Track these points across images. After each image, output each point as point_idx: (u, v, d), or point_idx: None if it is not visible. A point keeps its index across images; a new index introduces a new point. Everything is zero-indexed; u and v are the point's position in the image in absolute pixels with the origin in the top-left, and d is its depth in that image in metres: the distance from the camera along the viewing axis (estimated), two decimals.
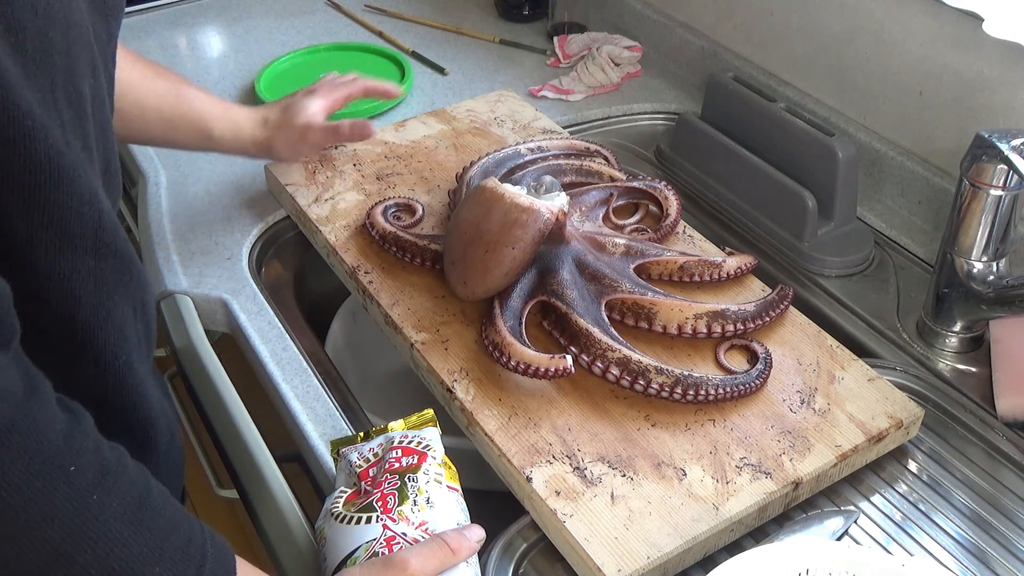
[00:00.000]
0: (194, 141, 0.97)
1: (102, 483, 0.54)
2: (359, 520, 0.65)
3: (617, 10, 1.44)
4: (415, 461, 0.68)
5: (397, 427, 0.72)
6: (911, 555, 0.75)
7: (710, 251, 0.97)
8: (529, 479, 0.74)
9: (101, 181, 0.62)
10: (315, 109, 1.00)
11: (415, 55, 1.40)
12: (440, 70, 1.36)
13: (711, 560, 0.73)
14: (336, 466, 0.73)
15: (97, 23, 0.62)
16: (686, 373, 0.80)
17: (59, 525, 0.52)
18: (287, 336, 0.92)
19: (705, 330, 0.85)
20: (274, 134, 1.00)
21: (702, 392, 0.79)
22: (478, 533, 0.66)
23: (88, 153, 0.59)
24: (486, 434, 0.78)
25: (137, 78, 0.91)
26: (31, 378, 0.53)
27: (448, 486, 0.69)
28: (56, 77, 0.55)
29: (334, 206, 1.02)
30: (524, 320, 0.85)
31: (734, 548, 0.74)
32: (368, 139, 1.05)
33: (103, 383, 0.66)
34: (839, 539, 0.76)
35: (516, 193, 0.85)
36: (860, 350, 0.89)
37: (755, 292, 0.92)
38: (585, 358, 0.81)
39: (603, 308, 0.85)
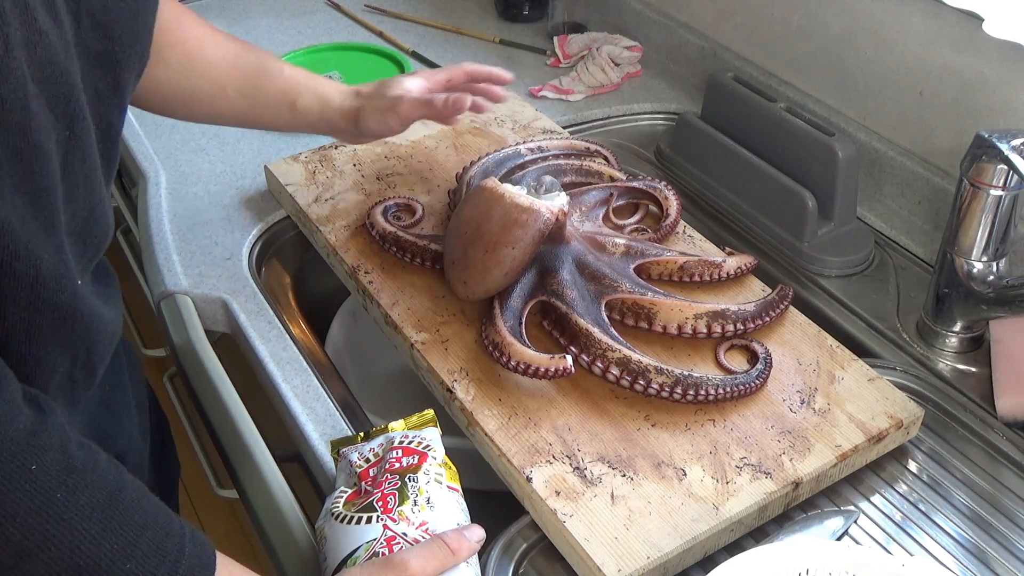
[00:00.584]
0: (279, 116, 0.94)
1: (67, 481, 0.54)
2: (359, 520, 0.65)
3: (617, 10, 1.44)
4: (415, 461, 0.68)
5: (397, 427, 0.73)
6: (911, 555, 0.75)
7: (710, 251, 0.97)
8: (529, 479, 0.74)
9: (64, 236, 0.60)
10: (412, 84, 0.94)
11: (415, 55, 1.40)
12: None
13: (711, 560, 0.73)
14: (336, 466, 0.73)
15: (95, 76, 0.62)
16: (686, 373, 0.80)
17: (20, 523, 0.52)
18: (287, 336, 0.92)
19: (705, 330, 0.85)
20: (364, 104, 0.94)
21: (702, 392, 0.79)
22: (478, 533, 0.66)
23: (35, 208, 0.57)
24: (486, 434, 0.78)
25: (218, 57, 0.89)
26: None
27: (448, 486, 0.69)
28: None
29: (334, 206, 1.02)
30: (524, 320, 0.85)
31: (734, 548, 0.74)
32: (461, 115, 0.95)
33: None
34: (839, 539, 0.76)
35: (516, 193, 0.85)
36: (860, 350, 0.89)
37: (755, 292, 0.92)
38: (585, 358, 0.81)
39: (603, 308, 0.86)
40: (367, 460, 0.70)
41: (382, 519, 0.65)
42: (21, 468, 0.52)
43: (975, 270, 0.86)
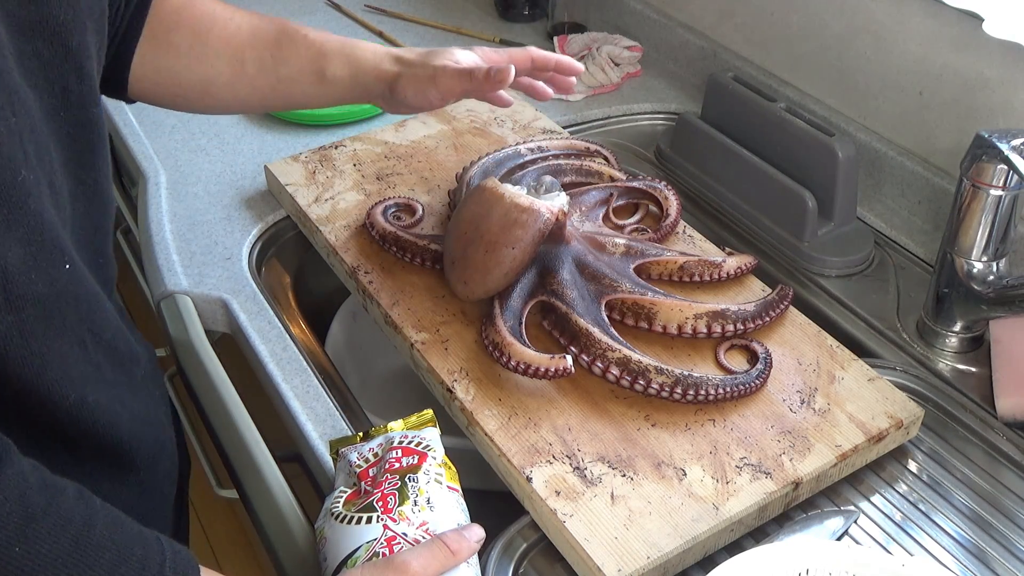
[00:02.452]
0: (309, 89, 0.84)
1: (25, 532, 0.52)
2: (359, 520, 0.65)
3: (617, 10, 1.44)
4: (415, 461, 0.68)
5: (397, 427, 0.72)
6: (911, 555, 0.75)
7: (710, 251, 0.97)
8: (529, 479, 0.74)
9: (44, 216, 0.58)
10: (462, 56, 0.84)
11: None
12: None
13: (711, 560, 0.73)
14: (335, 466, 0.73)
15: (35, 44, 0.59)
16: (686, 373, 0.80)
17: None
18: (287, 336, 0.92)
19: (705, 330, 0.85)
20: (403, 70, 0.83)
21: (702, 392, 0.79)
22: (478, 533, 0.66)
23: None
24: (486, 434, 0.78)
25: (231, 32, 0.81)
26: None
27: (448, 486, 0.69)
28: None
29: (334, 206, 1.02)
30: (524, 320, 0.85)
31: (734, 548, 0.74)
32: (503, 87, 0.82)
33: (57, 420, 0.63)
34: (839, 539, 0.76)
35: (516, 193, 0.85)
36: (860, 350, 0.89)
37: (755, 292, 0.92)
38: (585, 358, 0.81)
39: (603, 308, 0.86)
40: (367, 460, 0.70)
41: (382, 519, 0.65)
42: None
43: (975, 270, 0.86)
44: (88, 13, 0.64)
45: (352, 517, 0.66)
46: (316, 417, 0.84)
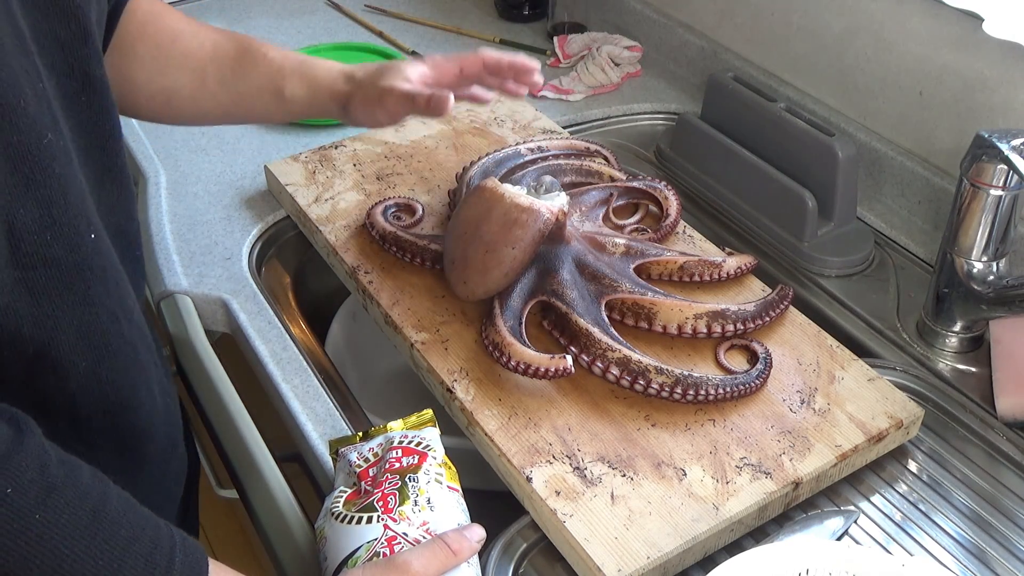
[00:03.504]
0: (269, 106, 0.86)
1: (46, 501, 0.53)
2: (360, 520, 0.65)
3: (617, 10, 1.44)
4: (415, 461, 0.68)
5: (396, 427, 0.72)
6: (911, 555, 0.75)
7: (710, 251, 0.97)
8: (529, 479, 0.74)
9: (51, 188, 0.59)
10: (410, 73, 0.84)
11: (415, 55, 1.40)
12: None
13: (711, 560, 0.73)
14: (335, 466, 0.73)
15: (54, 24, 0.60)
16: (686, 373, 0.80)
17: (1, 547, 0.51)
18: (287, 336, 0.92)
19: (705, 330, 0.85)
20: (354, 90, 0.85)
21: (702, 392, 0.79)
22: (478, 533, 0.66)
23: (11, 164, 0.56)
24: (486, 434, 0.78)
25: (194, 47, 0.83)
26: None
27: (448, 486, 0.69)
28: None
29: (334, 206, 1.02)
30: (524, 320, 0.85)
31: (734, 548, 0.74)
32: (443, 116, 0.82)
33: (68, 390, 0.64)
34: (839, 539, 0.76)
35: (516, 193, 0.85)
36: (860, 350, 0.89)
37: (755, 292, 0.92)
38: (585, 358, 0.81)
39: (603, 308, 0.86)
40: (366, 460, 0.70)
41: (383, 519, 0.65)
42: None
43: (975, 270, 0.86)
44: (96, 1, 0.65)
45: (352, 517, 0.66)
46: (316, 417, 0.84)
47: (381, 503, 0.66)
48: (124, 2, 0.78)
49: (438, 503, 0.67)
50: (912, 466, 0.82)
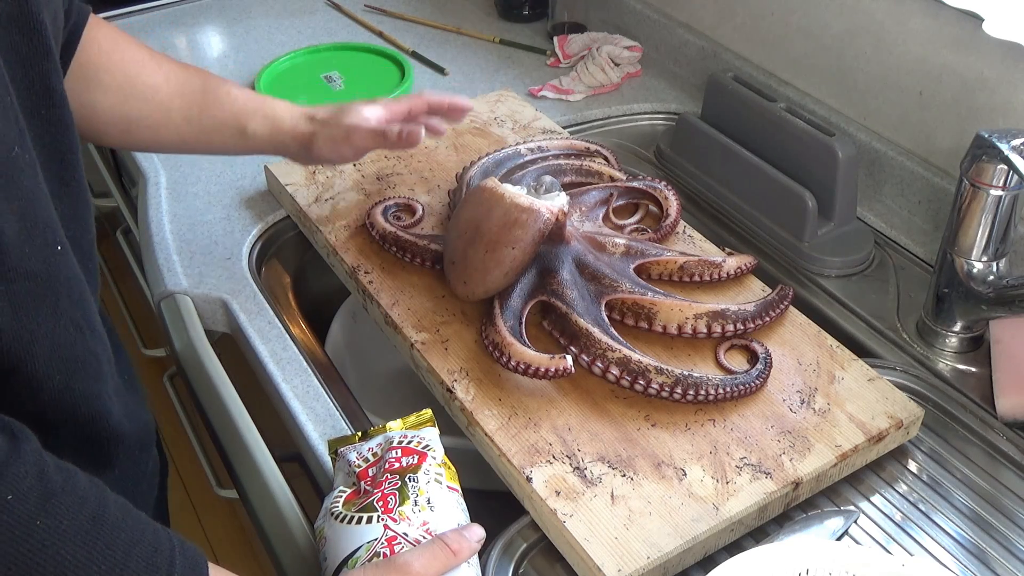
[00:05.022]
0: (228, 141, 0.90)
1: (46, 508, 0.53)
2: (360, 520, 0.65)
3: (617, 10, 1.44)
4: (415, 461, 0.68)
5: (395, 427, 0.73)
6: (911, 555, 0.75)
7: (710, 251, 0.97)
8: (529, 479, 0.74)
9: (30, 203, 0.59)
10: (369, 114, 0.90)
11: (415, 55, 1.40)
12: (440, 70, 1.36)
13: (711, 560, 0.73)
14: (334, 466, 0.73)
15: (13, 38, 0.60)
16: (686, 373, 0.80)
17: (2, 555, 0.51)
18: (287, 336, 0.92)
19: (705, 330, 0.85)
20: (318, 130, 0.90)
21: (702, 392, 0.79)
22: (478, 533, 0.66)
23: None
24: (486, 434, 0.78)
25: (160, 81, 0.85)
26: None
27: (448, 486, 0.69)
28: None
29: (334, 206, 1.02)
30: (524, 320, 0.85)
31: (734, 548, 0.74)
32: (414, 148, 0.92)
33: (39, 402, 0.64)
34: (839, 539, 0.76)
35: (516, 193, 0.85)
36: (860, 350, 0.89)
37: (755, 292, 0.92)
38: (585, 358, 0.81)
39: (603, 308, 0.86)
40: (366, 460, 0.70)
41: (383, 519, 0.65)
42: None
43: (975, 270, 0.86)
44: (52, 19, 0.65)
45: (352, 517, 0.66)
46: (316, 417, 0.84)
47: (381, 503, 0.66)
48: (82, 26, 0.78)
49: (438, 503, 0.67)
50: (912, 466, 0.82)
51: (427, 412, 0.74)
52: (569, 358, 0.79)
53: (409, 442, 0.70)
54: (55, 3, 0.66)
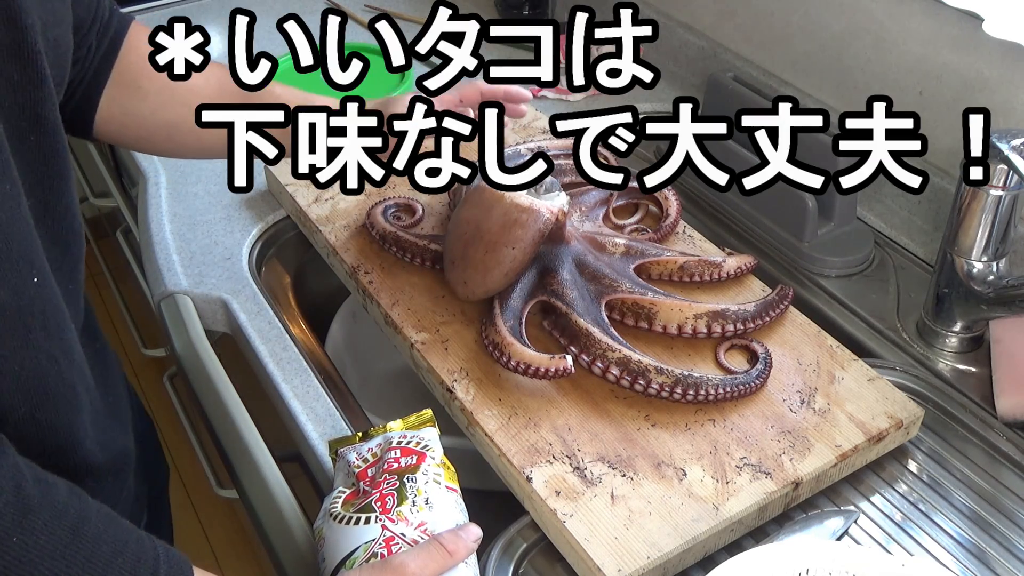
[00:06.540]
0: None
1: (23, 523, 0.52)
2: (358, 520, 0.65)
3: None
4: (414, 461, 0.68)
5: (395, 427, 0.72)
6: (911, 555, 0.75)
7: (710, 251, 0.97)
8: (529, 479, 0.74)
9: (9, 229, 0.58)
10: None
11: (415, 55, 1.39)
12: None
13: (711, 560, 0.73)
14: (334, 466, 0.73)
15: (7, 66, 0.59)
16: (686, 373, 0.80)
17: None
18: (287, 336, 0.92)
19: (705, 330, 0.85)
20: None
21: (702, 392, 0.79)
22: (475, 533, 0.66)
23: None
24: (486, 434, 0.78)
25: (200, 83, 0.84)
26: None
27: (447, 487, 0.69)
28: None
29: (334, 206, 1.02)
30: (524, 320, 0.85)
31: (734, 548, 0.74)
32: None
33: (5, 432, 0.62)
34: (839, 539, 0.76)
35: (516, 193, 0.85)
36: (860, 350, 0.89)
37: (755, 292, 0.92)
38: (585, 358, 0.81)
39: (603, 308, 0.86)
40: (365, 460, 0.70)
41: (381, 519, 0.65)
42: None
43: (975, 270, 0.86)
44: (53, 45, 0.64)
45: (351, 517, 0.66)
46: (316, 417, 0.84)
47: (379, 503, 0.66)
48: (123, 35, 0.78)
49: (436, 503, 0.67)
50: (912, 466, 0.82)
51: (427, 412, 0.74)
52: (569, 358, 0.79)
53: (408, 442, 0.70)
54: (59, 28, 0.65)
